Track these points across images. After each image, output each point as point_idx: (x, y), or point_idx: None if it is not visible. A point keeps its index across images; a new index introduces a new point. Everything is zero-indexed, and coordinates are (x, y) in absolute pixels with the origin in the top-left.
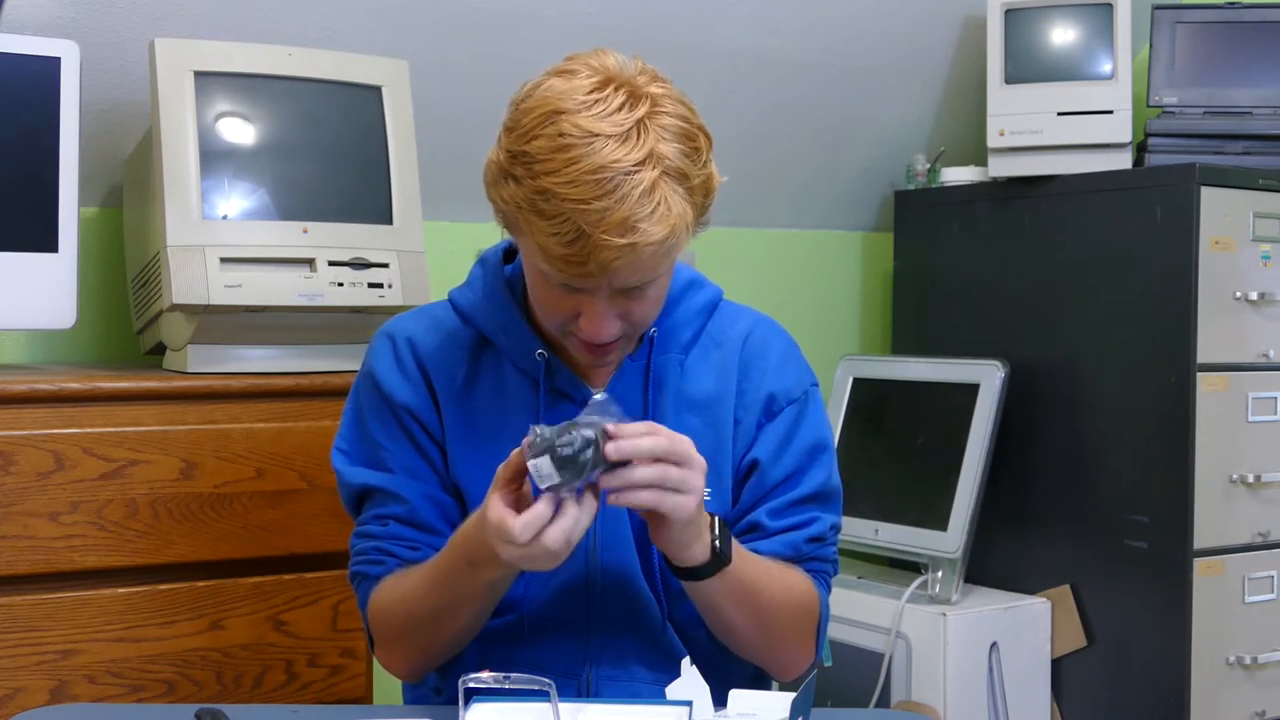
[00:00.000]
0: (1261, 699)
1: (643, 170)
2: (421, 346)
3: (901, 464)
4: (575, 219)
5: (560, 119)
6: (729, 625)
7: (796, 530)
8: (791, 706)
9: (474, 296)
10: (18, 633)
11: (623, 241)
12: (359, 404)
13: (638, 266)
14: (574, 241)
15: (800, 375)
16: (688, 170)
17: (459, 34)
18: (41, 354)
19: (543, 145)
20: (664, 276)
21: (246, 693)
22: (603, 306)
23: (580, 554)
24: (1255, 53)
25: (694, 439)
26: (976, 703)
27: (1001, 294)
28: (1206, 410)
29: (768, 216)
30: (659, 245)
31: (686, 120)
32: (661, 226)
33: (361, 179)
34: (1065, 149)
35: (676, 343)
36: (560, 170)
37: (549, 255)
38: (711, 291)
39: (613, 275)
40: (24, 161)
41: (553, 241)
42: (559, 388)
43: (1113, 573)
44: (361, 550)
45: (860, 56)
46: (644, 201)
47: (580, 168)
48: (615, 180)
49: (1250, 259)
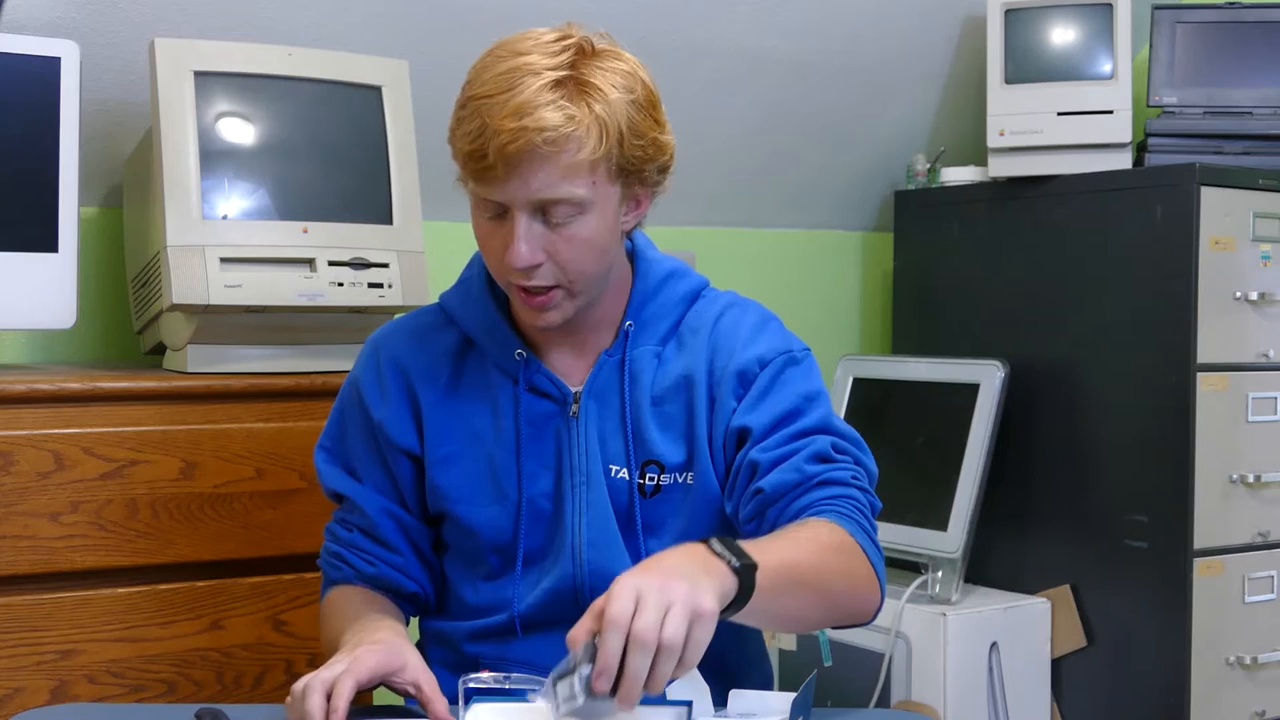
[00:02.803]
0: (1261, 699)
1: (550, 72)
2: (405, 360)
3: (901, 464)
4: (482, 113)
5: (496, 48)
6: (790, 619)
7: (795, 455)
8: (791, 706)
9: (461, 297)
10: (18, 633)
11: (515, 125)
12: (343, 407)
13: (536, 160)
14: (478, 136)
15: (774, 342)
16: (608, 89)
17: (459, 34)
18: (41, 354)
19: (479, 66)
20: (591, 216)
21: (246, 693)
22: (521, 227)
23: (568, 555)
24: (1255, 53)
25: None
26: (976, 703)
27: (1001, 294)
28: (1206, 410)
29: (768, 216)
30: (555, 134)
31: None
32: (558, 115)
33: (361, 179)
34: (1065, 149)
35: (654, 334)
36: (481, 77)
37: (462, 160)
38: (694, 281)
39: (510, 174)
40: (24, 161)
41: (464, 141)
42: (538, 386)
43: (1113, 573)
44: (327, 549)
45: (860, 56)
46: (544, 92)
47: (495, 70)
48: (522, 77)
49: (1250, 259)
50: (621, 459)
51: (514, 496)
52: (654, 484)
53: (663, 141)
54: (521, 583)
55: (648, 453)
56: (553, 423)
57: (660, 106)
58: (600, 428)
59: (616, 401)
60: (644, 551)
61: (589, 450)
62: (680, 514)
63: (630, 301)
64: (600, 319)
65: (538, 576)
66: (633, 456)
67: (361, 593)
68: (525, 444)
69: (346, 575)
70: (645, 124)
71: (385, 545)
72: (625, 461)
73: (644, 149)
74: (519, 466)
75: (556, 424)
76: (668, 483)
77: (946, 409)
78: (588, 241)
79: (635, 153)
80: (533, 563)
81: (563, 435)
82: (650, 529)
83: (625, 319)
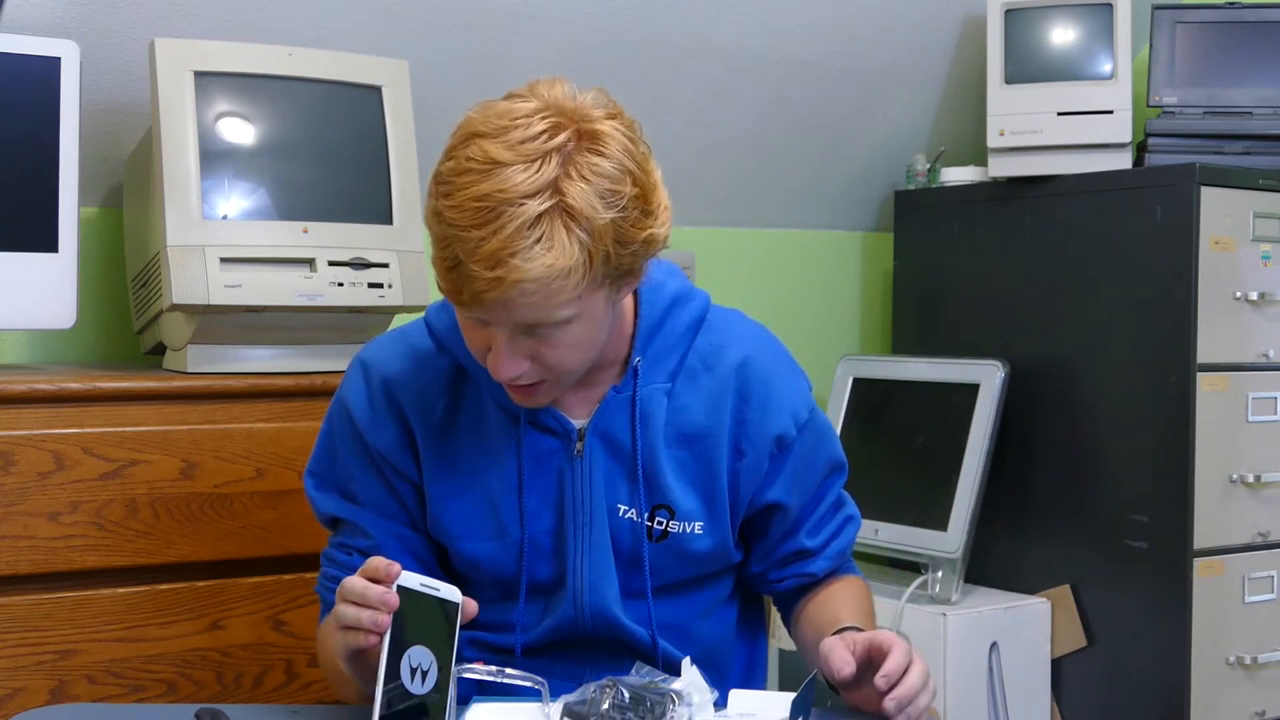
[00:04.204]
0: (1261, 699)
1: (530, 202)
2: (397, 385)
3: (901, 464)
4: (454, 245)
5: (474, 142)
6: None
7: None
8: (791, 706)
9: (449, 321)
10: (18, 633)
11: (490, 275)
12: (331, 431)
13: (511, 304)
14: (452, 269)
15: (800, 396)
16: (592, 213)
17: (459, 34)
18: (41, 354)
19: (450, 167)
20: (576, 324)
21: (246, 693)
22: (504, 344)
23: (569, 597)
24: (1255, 53)
25: (683, 472)
26: (976, 703)
27: (1001, 294)
28: (1206, 410)
29: (768, 216)
30: (535, 284)
31: (623, 166)
32: (537, 265)
33: (361, 179)
34: (1065, 149)
35: (663, 370)
36: (453, 194)
37: (439, 281)
38: (696, 306)
39: (488, 310)
40: (24, 161)
41: (439, 265)
42: (540, 421)
43: (1113, 573)
44: (325, 573)
45: (860, 56)
46: (521, 235)
47: (468, 194)
48: (497, 210)
49: (1250, 259)
50: (628, 499)
51: (515, 534)
52: (662, 529)
53: (654, 236)
54: (525, 614)
55: (660, 497)
56: (555, 459)
57: (652, 192)
58: (607, 467)
59: (626, 441)
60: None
61: (594, 490)
62: (684, 562)
63: (636, 333)
64: (604, 357)
65: (540, 610)
66: (643, 499)
67: None
68: (527, 481)
69: None
70: (634, 229)
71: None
72: (634, 502)
73: (633, 254)
74: (521, 505)
75: (559, 461)
76: (676, 530)
77: (946, 409)
78: (575, 346)
79: (623, 261)
80: (535, 596)
81: (565, 473)
82: (654, 573)
83: (633, 354)
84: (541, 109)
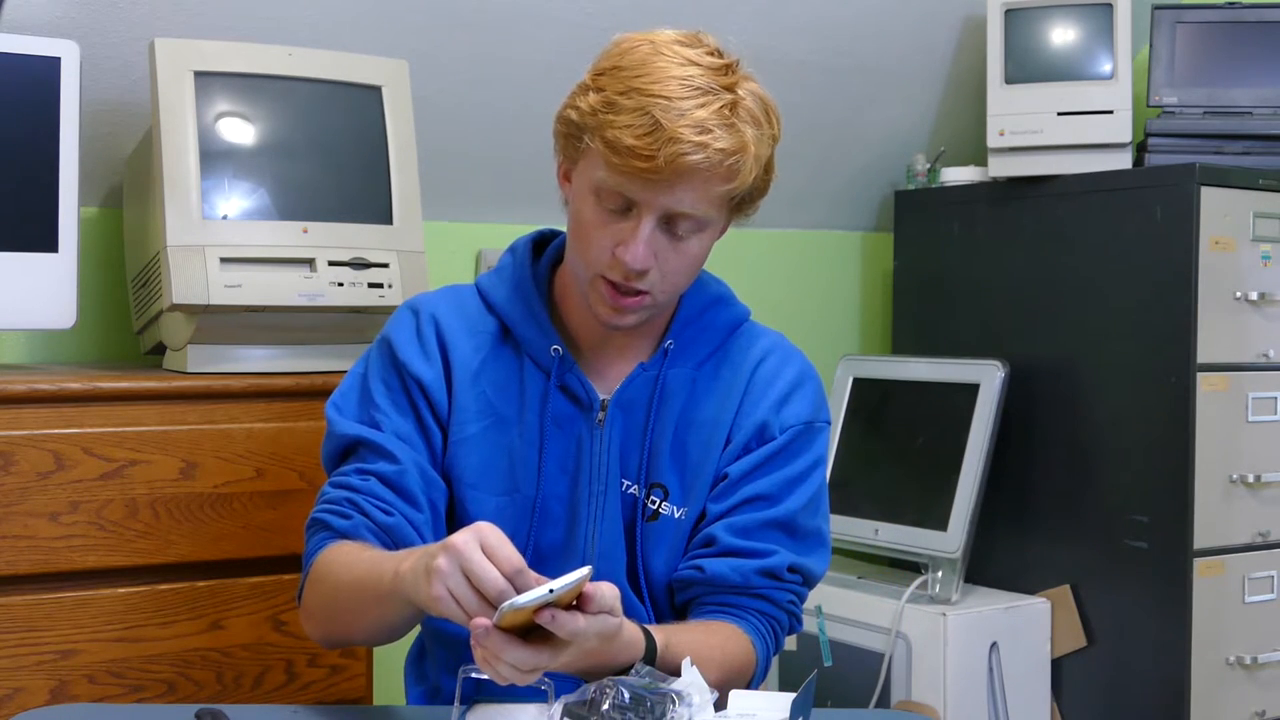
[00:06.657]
0: (1261, 699)
1: (726, 94)
2: (445, 325)
3: (901, 464)
4: (656, 113)
5: (657, 45)
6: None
7: (750, 558)
8: (791, 706)
9: (501, 286)
10: (18, 633)
11: (698, 139)
12: (367, 368)
13: (698, 178)
14: (650, 133)
15: (804, 409)
16: (765, 121)
17: (459, 34)
18: (41, 354)
19: (637, 58)
20: (706, 235)
21: (246, 693)
22: (646, 231)
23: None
24: (1255, 53)
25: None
26: (976, 703)
27: (1001, 294)
28: (1206, 410)
29: (767, 216)
30: (725, 157)
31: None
32: (734, 141)
33: (361, 179)
34: (1065, 149)
35: (693, 357)
36: (651, 73)
37: (617, 149)
38: (738, 311)
39: (678, 174)
40: (24, 161)
41: (627, 133)
42: (568, 386)
43: (1113, 573)
44: (332, 499)
45: (860, 56)
46: (723, 114)
47: (671, 74)
48: (703, 89)
49: (1250, 259)
50: (634, 475)
51: (528, 492)
52: (654, 508)
53: (770, 183)
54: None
55: (657, 475)
56: (576, 426)
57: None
58: (623, 440)
59: (643, 417)
60: (641, 570)
61: (610, 460)
62: (665, 544)
63: (675, 319)
64: (643, 330)
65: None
66: (644, 475)
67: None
68: (547, 445)
69: (355, 525)
70: (770, 162)
71: (406, 496)
72: (637, 478)
73: (765, 185)
74: (540, 463)
75: (580, 428)
76: (665, 511)
77: (946, 409)
78: (695, 257)
79: (759, 186)
80: (540, 563)
81: (584, 441)
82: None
83: (667, 336)
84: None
